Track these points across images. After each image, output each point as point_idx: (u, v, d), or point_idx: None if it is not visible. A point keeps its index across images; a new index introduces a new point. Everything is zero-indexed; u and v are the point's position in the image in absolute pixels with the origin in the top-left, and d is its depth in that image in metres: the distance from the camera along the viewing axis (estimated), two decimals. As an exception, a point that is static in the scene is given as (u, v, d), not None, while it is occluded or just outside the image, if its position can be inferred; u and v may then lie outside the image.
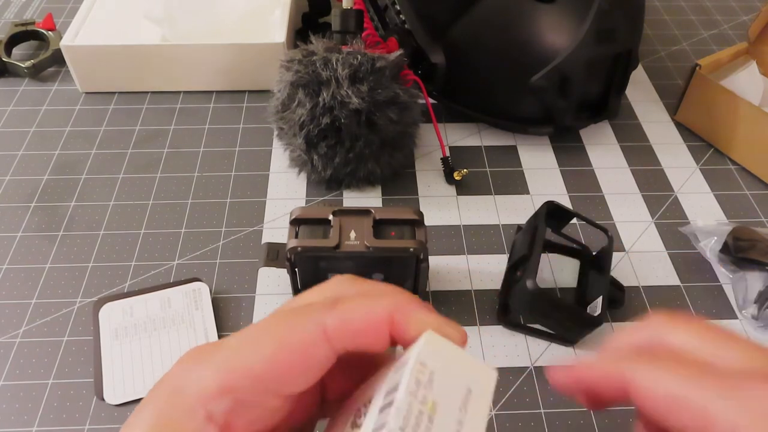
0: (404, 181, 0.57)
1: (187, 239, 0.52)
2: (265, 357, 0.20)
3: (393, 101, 0.51)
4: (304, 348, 0.20)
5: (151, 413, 0.20)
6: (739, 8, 0.81)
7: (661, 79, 0.70)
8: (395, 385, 0.19)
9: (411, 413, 0.18)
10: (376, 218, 0.42)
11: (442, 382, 0.19)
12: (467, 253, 0.51)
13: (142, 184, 0.56)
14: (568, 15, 0.54)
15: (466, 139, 0.61)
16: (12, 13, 0.77)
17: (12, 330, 0.46)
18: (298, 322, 0.20)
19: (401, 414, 0.18)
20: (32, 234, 0.52)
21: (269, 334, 0.20)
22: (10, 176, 0.57)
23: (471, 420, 0.19)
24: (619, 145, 0.61)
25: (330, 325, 0.20)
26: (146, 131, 0.62)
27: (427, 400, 0.19)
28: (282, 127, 0.54)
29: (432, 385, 0.19)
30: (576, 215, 0.48)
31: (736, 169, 0.59)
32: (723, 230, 0.50)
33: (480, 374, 0.20)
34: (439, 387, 0.19)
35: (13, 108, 0.64)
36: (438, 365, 0.19)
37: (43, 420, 0.41)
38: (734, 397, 0.18)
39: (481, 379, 0.20)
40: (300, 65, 0.50)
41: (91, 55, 0.63)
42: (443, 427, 0.19)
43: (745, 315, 0.47)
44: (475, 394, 0.20)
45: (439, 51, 0.58)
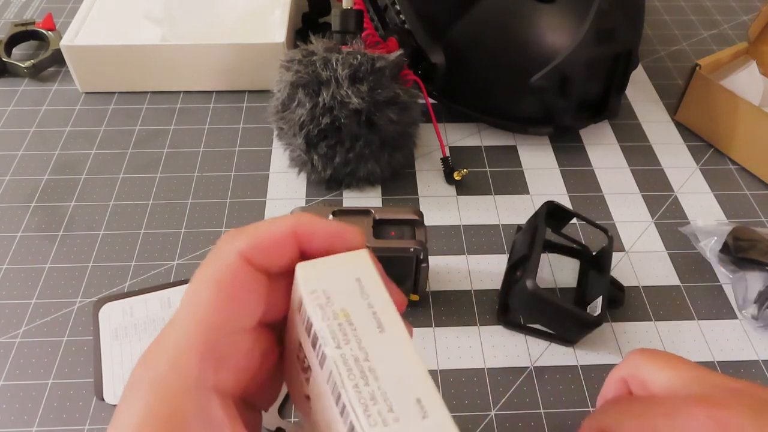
0: (404, 181, 0.57)
1: (187, 239, 0.52)
2: (212, 302, 0.21)
3: (393, 101, 0.51)
4: (233, 276, 0.21)
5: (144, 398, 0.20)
6: (739, 8, 0.81)
7: (661, 79, 0.70)
8: (308, 320, 0.21)
9: (335, 332, 0.20)
10: (376, 218, 0.42)
11: (336, 291, 0.21)
12: (467, 253, 0.51)
13: (142, 184, 0.56)
14: (568, 15, 0.54)
15: (466, 139, 0.61)
16: (12, 13, 0.77)
17: (12, 330, 0.46)
18: (218, 256, 0.22)
19: (328, 338, 0.20)
20: (32, 234, 0.52)
21: (203, 280, 0.21)
22: (10, 176, 0.57)
23: (376, 297, 0.21)
24: (619, 145, 0.61)
25: (241, 248, 0.22)
26: (146, 131, 0.62)
27: (337, 314, 0.21)
28: (282, 127, 0.54)
29: (331, 299, 0.21)
30: (576, 215, 0.48)
31: (736, 169, 0.59)
32: (723, 230, 0.50)
33: (356, 260, 0.22)
34: (337, 296, 0.21)
35: (13, 108, 0.64)
36: (323, 282, 0.21)
37: (43, 420, 0.41)
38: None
39: (360, 262, 0.22)
40: (300, 65, 0.50)
41: (91, 55, 0.63)
42: (362, 320, 0.21)
43: (745, 315, 0.47)
44: (364, 276, 0.22)
45: (439, 51, 0.58)
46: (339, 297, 0.21)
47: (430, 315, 0.47)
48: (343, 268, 0.22)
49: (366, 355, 0.20)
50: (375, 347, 0.20)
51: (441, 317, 0.47)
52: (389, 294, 0.22)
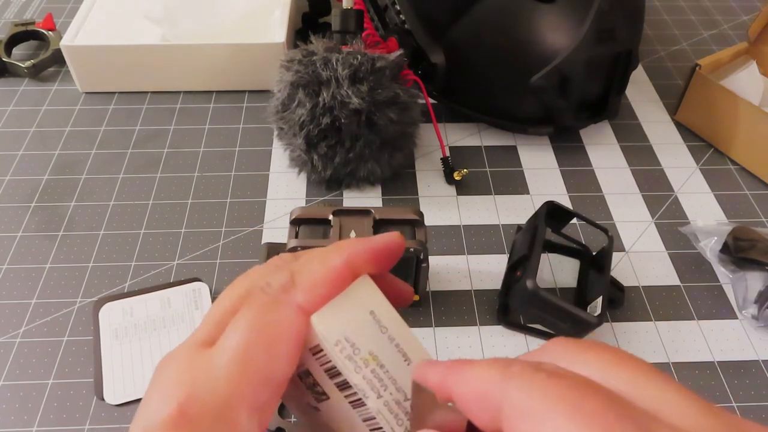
0: (404, 181, 0.57)
1: (187, 239, 0.52)
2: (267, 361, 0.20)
3: (393, 101, 0.51)
4: (290, 333, 0.21)
5: None
6: (739, 8, 0.81)
7: (661, 79, 0.70)
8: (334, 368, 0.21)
9: (371, 381, 0.21)
10: (376, 218, 0.42)
11: (358, 335, 0.21)
12: (467, 253, 0.51)
13: (142, 184, 0.56)
14: (568, 15, 0.54)
15: (466, 139, 0.61)
16: (12, 13, 0.77)
17: (12, 330, 0.46)
18: (274, 308, 0.21)
19: (367, 390, 0.21)
20: (32, 234, 0.52)
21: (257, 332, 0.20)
22: (10, 176, 0.57)
23: (393, 328, 0.22)
24: (619, 145, 0.61)
25: (301, 303, 0.21)
26: (146, 131, 0.62)
27: (367, 360, 0.21)
28: (282, 127, 0.54)
29: (356, 346, 0.21)
30: (576, 215, 0.48)
31: (736, 169, 0.59)
32: (723, 230, 0.50)
33: (363, 291, 0.22)
34: (360, 340, 0.21)
35: (13, 108, 0.64)
36: (343, 329, 0.21)
37: (43, 420, 0.41)
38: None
39: (367, 292, 0.22)
40: (300, 65, 0.50)
41: (91, 55, 0.63)
42: (389, 358, 0.21)
43: (745, 315, 0.47)
44: (376, 307, 0.22)
45: (439, 51, 0.58)
46: (362, 340, 0.21)
47: (430, 315, 0.47)
48: (355, 305, 0.22)
49: (405, 395, 0.21)
50: (407, 382, 0.21)
51: (441, 317, 0.47)
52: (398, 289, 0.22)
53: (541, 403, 0.16)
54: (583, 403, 0.15)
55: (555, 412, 0.15)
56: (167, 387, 0.20)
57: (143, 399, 0.21)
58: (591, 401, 0.15)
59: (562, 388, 0.16)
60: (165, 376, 0.20)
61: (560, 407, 0.15)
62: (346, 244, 0.22)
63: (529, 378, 0.17)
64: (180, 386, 0.20)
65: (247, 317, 0.21)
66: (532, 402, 0.16)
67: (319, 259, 0.22)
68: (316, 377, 0.22)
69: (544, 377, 0.16)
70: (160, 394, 0.20)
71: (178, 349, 0.21)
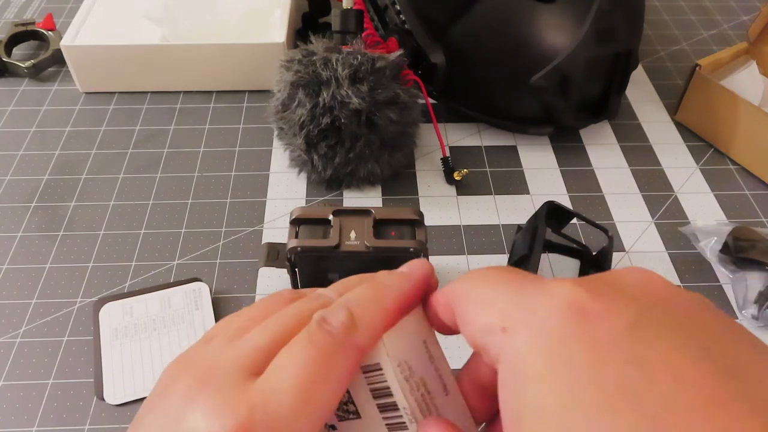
0: (404, 181, 0.57)
1: (187, 239, 0.52)
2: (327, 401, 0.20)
3: (393, 101, 0.51)
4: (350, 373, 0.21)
5: None
6: (739, 8, 0.81)
7: (661, 79, 0.70)
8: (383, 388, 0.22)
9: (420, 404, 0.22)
10: (376, 218, 0.42)
11: (414, 360, 0.22)
12: (467, 253, 0.51)
13: (142, 184, 0.56)
14: (568, 15, 0.54)
15: (466, 139, 0.61)
16: (12, 13, 0.77)
17: (12, 330, 0.46)
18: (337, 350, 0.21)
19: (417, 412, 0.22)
20: (32, 234, 0.52)
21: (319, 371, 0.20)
22: (10, 176, 0.57)
23: (438, 360, 0.23)
24: (619, 145, 0.61)
25: (365, 345, 0.21)
26: (146, 131, 0.62)
27: (419, 385, 0.22)
28: (282, 127, 0.54)
29: (412, 370, 0.22)
30: (576, 215, 0.48)
31: (736, 169, 0.59)
32: (723, 230, 0.50)
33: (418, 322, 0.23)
34: (415, 365, 0.22)
35: (13, 108, 0.64)
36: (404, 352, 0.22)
37: (43, 420, 0.41)
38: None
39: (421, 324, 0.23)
40: (300, 65, 0.50)
41: (91, 55, 0.63)
42: (434, 385, 0.22)
43: (745, 315, 0.47)
44: (428, 338, 0.23)
45: (439, 51, 0.58)
46: (417, 366, 0.22)
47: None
48: (413, 333, 0.23)
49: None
50: (445, 411, 0.23)
51: (441, 317, 0.47)
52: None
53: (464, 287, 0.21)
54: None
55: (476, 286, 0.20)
56: (218, 404, 0.19)
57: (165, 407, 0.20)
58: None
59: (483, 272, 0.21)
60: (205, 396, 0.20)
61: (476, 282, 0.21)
62: (395, 283, 0.22)
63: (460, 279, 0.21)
64: (236, 408, 0.19)
65: (309, 353, 0.20)
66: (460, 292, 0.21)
67: (374, 301, 0.22)
68: (354, 395, 0.22)
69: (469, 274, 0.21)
70: (210, 410, 0.19)
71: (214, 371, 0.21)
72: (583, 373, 0.15)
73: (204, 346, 0.22)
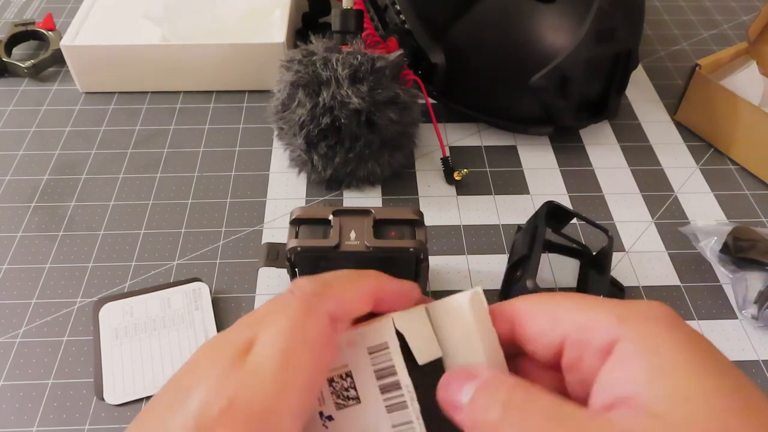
0: (404, 181, 0.57)
1: (187, 239, 0.52)
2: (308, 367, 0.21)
3: (393, 101, 0.51)
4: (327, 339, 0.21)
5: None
6: (739, 8, 0.81)
7: (661, 79, 0.70)
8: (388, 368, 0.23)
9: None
10: (376, 218, 0.42)
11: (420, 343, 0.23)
12: (467, 253, 0.51)
13: (142, 184, 0.56)
14: (568, 15, 0.54)
15: (466, 139, 0.61)
16: (12, 13, 0.77)
17: (12, 330, 0.46)
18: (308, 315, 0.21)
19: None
20: (32, 234, 0.52)
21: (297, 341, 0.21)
22: (10, 176, 0.57)
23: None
24: (619, 145, 0.61)
25: (332, 311, 0.22)
26: (146, 131, 0.62)
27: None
28: (282, 127, 0.54)
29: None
30: (576, 215, 0.48)
31: (736, 169, 0.59)
32: (723, 230, 0.50)
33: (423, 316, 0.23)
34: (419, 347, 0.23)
35: (13, 108, 0.64)
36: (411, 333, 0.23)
37: (43, 420, 0.41)
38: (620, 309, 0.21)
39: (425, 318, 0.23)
40: (300, 65, 0.50)
41: (91, 55, 0.63)
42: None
43: (745, 315, 0.47)
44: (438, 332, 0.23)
45: (439, 51, 0.58)
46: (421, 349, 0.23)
47: (430, 315, 0.47)
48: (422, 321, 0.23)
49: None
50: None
51: (441, 317, 0.47)
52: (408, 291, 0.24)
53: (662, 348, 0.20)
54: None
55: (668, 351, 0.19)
56: (211, 384, 0.20)
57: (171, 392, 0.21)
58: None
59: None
60: (206, 376, 0.20)
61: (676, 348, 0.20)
62: (373, 276, 0.24)
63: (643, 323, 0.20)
64: (226, 386, 0.20)
65: (282, 322, 0.21)
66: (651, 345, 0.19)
67: (349, 281, 0.23)
68: (356, 378, 0.23)
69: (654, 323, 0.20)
70: (203, 391, 0.20)
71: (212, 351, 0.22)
72: (710, 368, 0.20)
73: (215, 337, 0.23)
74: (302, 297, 0.22)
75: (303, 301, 0.22)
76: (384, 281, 0.24)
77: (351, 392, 0.23)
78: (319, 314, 0.21)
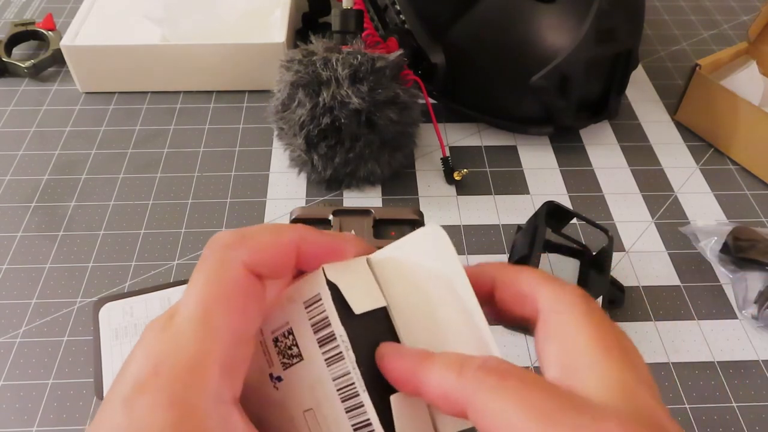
0: (404, 181, 0.57)
1: (187, 239, 0.52)
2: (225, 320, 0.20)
3: (393, 101, 0.51)
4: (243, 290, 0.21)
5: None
6: (739, 8, 0.81)
7: (661, 79, 0.70)
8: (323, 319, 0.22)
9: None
10: (376, 218, 0.42)
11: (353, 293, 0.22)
12: (467, 253, 0.51)
13: (142, 184, 0.56)
14: (568, 15, 0.54)
15: (466, 139, 0.61)
16: (12, 13, 0.77)
17: (12, 330, 0.46)
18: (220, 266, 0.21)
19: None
20: (32, 234, 0.52)
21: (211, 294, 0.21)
22: (10, 176, 0.57)
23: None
24: (619, 145, 0.61)
25: (246, 259, 0.21)
26: (146, 131, 0.62)
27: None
28: (282, 127, 0.54)
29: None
30: (576, 215, 0.48)
31: (736, 169, 0.59)
32: (723, 230, 0.50)
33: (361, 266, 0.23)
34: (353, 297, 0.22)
35: (13, 108, 0.64)
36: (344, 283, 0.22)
37: (43, 420, 0.41)
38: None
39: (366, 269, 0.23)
40: (300, 65, 0.50)
41: (91, 55, 0.63)
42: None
43: (745, 315, 0.47)
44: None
45: (439, 51, 0.58)
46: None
47: (430, 315, 0.47)
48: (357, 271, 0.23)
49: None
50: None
51: (441, 317, 0.47)
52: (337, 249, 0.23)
53: (498, 404, 0.19)
54: (530, 397, 0.18)
55: (510, 411, 0.18)
56: (142, 353, 0.20)
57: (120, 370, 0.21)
58: (536, 395, 0.18)
59: (513, 389, 0.19)
60: (141, 347, 0.21)
61: (514, 405, 0.18)
62: (297, 228, 0.23)
63: (483, 381, 0.19)
64: (153, 351, 0.20)
65: (199, 277, 0.21)
66: (491, 404, 0.19)
67: (270, 231, 0.22)
68: (297, 334, 0.23)
69: (495, 381, 0.19)
70: (136, 360, 0.20)
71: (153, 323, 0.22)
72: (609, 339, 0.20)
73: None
74: (216, 250, 0.22)
75: (217, 253, 0.22)
76: (308, 233, 0.23)
77: (294, 350, 0.23)
78: (234, 265, 0.21)
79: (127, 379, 0.20)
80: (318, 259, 0.23)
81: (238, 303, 0.21)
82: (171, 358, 0.20)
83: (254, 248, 0.22)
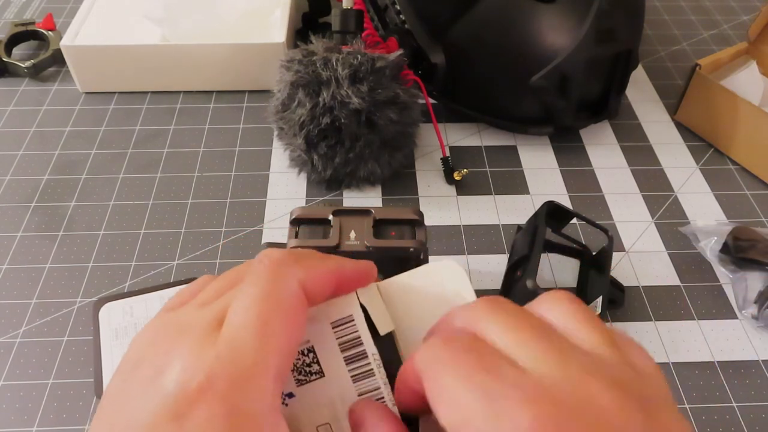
0: (404, 181, 0.57)
1: (187, 239, 0.52)
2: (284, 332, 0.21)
3: (393, 101, 0.51)
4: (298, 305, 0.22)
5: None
6: (739, 8, 0.81)
7: (661, 79, 0.70)
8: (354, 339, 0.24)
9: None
10: (376, 218, 0.42)
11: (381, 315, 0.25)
12: (467, 253, 0.51)
13: (142, 184, 0.56)
14: (568, 15, 0.54)
15: (466, 139, 0.61)
16: (12, 13, 0.77)
17: (12, 330, 0.46)
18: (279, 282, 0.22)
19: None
20: (32, 234, 0.52)
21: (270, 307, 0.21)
22: (10, 176, 0.57)
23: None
24: (619, 145, 0.61)
25: (302, 278, 0.22)
26: (146, 131, 0.62)
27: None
28: (282, 127, 0.54)
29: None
30: (576, 215, 0.48)
31: (736, 169, 0.59)
32: (723, 230, 0.50)
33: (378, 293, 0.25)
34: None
35: (13, 108, 0.64)
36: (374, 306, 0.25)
37: (43, 420, 0.41)
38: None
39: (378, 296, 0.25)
40: (300, 65, 0.50)
41: (91, 55, 0.63)
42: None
43: (745, 315, 0.47)
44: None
45: (439, 51, 0.58)
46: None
47: (430, 315, 0.47)
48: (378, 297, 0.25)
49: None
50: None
51: (441, 317, 0.47)
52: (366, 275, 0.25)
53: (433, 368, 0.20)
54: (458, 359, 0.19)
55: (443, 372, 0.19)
56: (186, 361, 0.20)
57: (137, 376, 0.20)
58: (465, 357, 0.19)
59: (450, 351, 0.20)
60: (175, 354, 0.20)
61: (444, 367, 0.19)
62: (335, 257, 0.24)
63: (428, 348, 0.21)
64: (202, 360, 0.19)
65: (253, 290, 0.21)
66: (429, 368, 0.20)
67: (317, 256, 0.24)
68: (319, 352, 0.24)
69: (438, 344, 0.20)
70: (179, 366, 0.19)
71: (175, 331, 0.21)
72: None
73: (171, 313, 0.23)
74: (272, 264, 0.22)
75: (273, 268, 0.22)
76: (345, 261, 0.24)
77: (314, 367, 0.24)
78: (291, 282, 0.22)
79: (167, 388, 0.19)
80: (351, 286, 0.24)
81: (294, 317, 0.21)
82: (228, 368, 0.19)
83: (309, 269, 0.22)
